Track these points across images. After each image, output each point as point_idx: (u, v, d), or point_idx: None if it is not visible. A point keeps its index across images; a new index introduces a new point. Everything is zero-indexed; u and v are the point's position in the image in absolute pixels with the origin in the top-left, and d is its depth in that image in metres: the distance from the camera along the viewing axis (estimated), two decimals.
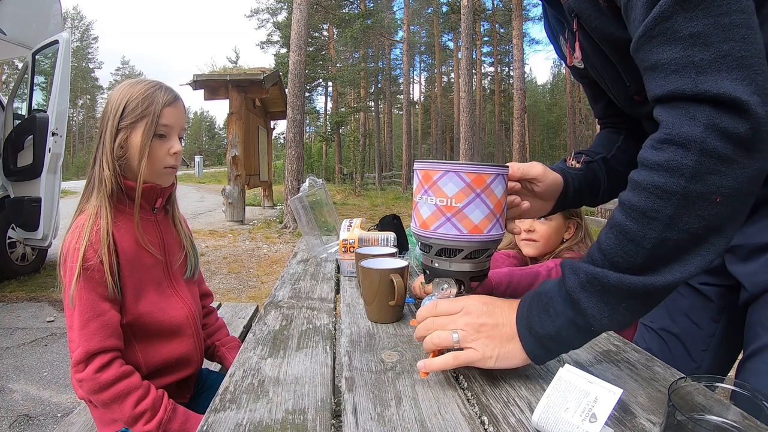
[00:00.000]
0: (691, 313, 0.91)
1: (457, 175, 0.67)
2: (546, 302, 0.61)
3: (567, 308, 0.58)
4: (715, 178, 0.50)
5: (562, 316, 0.59)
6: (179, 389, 1.10)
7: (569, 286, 0.59)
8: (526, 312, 0.63)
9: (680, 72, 0.51)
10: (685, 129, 0.51)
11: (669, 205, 0.52)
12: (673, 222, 0.52)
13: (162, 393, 0.96)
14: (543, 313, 0.61)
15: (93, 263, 0.91)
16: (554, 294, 0.60)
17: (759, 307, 0.75)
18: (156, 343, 1.03)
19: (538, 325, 0.61)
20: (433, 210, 0.69)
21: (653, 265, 0.54)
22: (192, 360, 1.10)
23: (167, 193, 1.10)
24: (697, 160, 0.50)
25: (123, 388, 0.90)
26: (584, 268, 0.58)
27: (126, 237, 0.99)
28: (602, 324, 0.57)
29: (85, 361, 0.90)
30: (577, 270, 0.58)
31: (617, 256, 0.55)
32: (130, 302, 0.98)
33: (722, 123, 0.49)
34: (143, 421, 0.90)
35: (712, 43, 0.50)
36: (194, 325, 1.10)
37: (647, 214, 0.53)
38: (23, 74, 4.38)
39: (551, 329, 0.59)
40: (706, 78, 0.50)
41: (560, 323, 0.59)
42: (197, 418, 0.97)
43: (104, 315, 0.92)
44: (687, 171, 0.51)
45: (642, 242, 0.53)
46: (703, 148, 0.50)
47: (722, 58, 0.49)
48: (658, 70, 0.54)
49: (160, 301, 1.05)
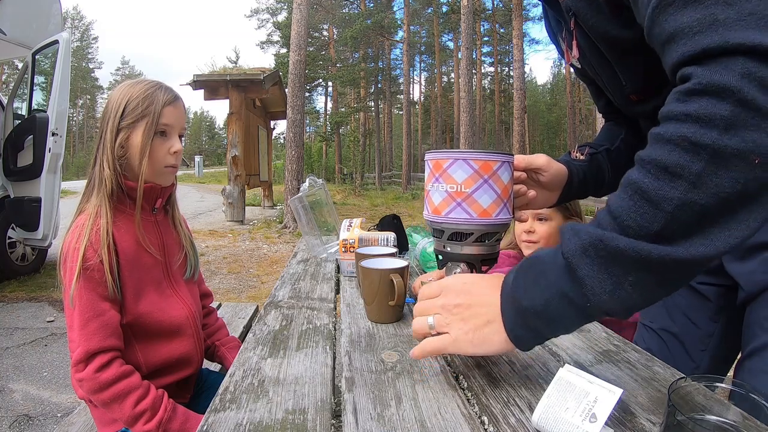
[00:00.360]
0: (689, 313, 0.91)
1: (465, 163, 0.71)
2: (538, 270, 0.53)
3: (561, 276, 0.51)
4: (754, 134, 0.43)
5: (553, 287, 0.51)
6: (179, 389, 1.10)
7: (567, 249, 0.50)
8: (512, 282, 0.56)
9: (705, 31, 0.46)
10: (718, 77, 0.44)
11: (698, 161, 0.44)
12: (701, 181, 0.44)
13: (162, 393, 0.96)
14: (532, 282, 0.53)
15: (93, 263, 0.91)
16: (548, 260, 0.53)
17: (757, 307, 0.75)
18: (156, 343, 1.03)
19: (523, 296, 0.53)
20: (444, 196, 0.73)
21: (672, 234, 0.46)
22: (192, 360, 1.10)
23: (167, 194, 1.10)
24: (732, 111, 0.43)
25: (123, 388, 0.90)
26: (588, 229, 0.49)
27: (126, 237, 0.99)
28: (601, 300, 0.49)
29: (85, 361, 0.90)
30: (579, 231, 0.50)
31: (630, 220, 0.47)
32: (130, 302, 0.98)
33: (760, 72, 0.43)
34: (143, 420, 0.90)
35: (734, 3, 0.45)
36: (194, 325, 1.10)
37: (670, 169, 0.45)
38: (23, 74, 4.38)
39: (539, 301, 0.52)
40: (734, 33, 0.44)
41: (550, 295, 0.51)
42: (197, 418, 0.97)
43: (104, 315, 0.92)
44: (721, 122, 0.43)
45: (662, 203, 0.45)
46: (739, 97, 0.43)
47: (748, 16, 0.44)
48: (678, 38, 0.48)
49: (160, 301, 1.05)
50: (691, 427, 0.44)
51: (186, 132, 1.15)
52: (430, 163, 0.76)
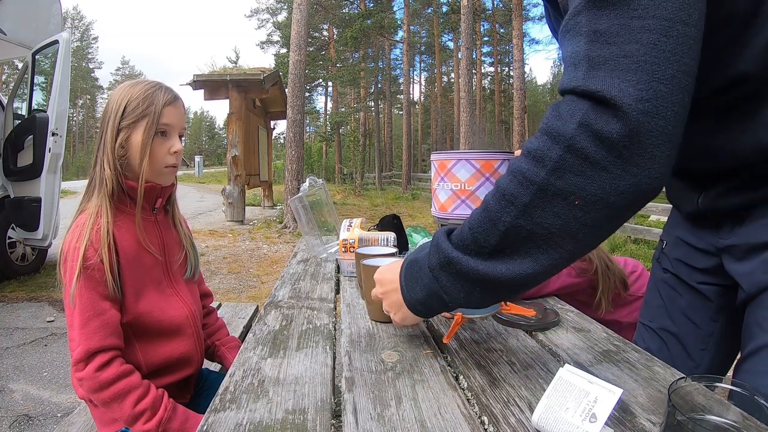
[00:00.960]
0: (689, 313, 0.91)
1: (468, 163, 0.75)
2: (416, 271, 0.66)
3: (430, 281, 0.62)
4: (578, 179, 0.48)
5: (426, 288, 0.63)
6: (179, 389, 1.10)
7: (431, 263, 0.62)
8: (403, 278, 0.69)
9: (576, 65, 0.50)
10: (558, 122, 0.49)
11: (526, 193, 0.51)
12: (528, 211, 0.51)
13: (162, 392, 0.96)
14: (413, 280, 0.66)
15: (93, 262, 0.91)
16: (423, 265, 0.64)
17: (757, 307, 0.75)
18: (156, 343, 1.03)
19: (409, 291, 0.67)
20: (449, 194, 0.78)
21: (504, 250, 0.54)
22: (192, 360, 1.10)
23: (167, 193, 1.10)
24: (561, 156, 0.49)
25: (123, 387, 0.90)
26: (444, 249, 0.60)
27: (126, 236, 0.99)
28: (459, 302, 0.61)
29: (86, 360, 0.90)
30: (440, 249, 0.61)
31: (477, 233, 0.56)
32: (131, 301, 0.98)
33: (596, 124, 0.47)
34: (143, 420, 0.90)
35: (615, 42, 0.47)
36: (194, 324, 1.10)
37: (506, 197, 0.53)
38: (23, 74, 4.38)
39: (420, 296, 0.65)
40: (597, 74, 0.47)
41: (426, 294, 0.64)
42: (197, 417, 0.97)
43: (104, 314, 0.92)
44: (549, 164, 0.49)
45: (497, 224, 0.54)
46: (570, 144, 0.48)
47: (621, 58, 0.47)
48: (565, 64, 0.53)
49: (160, 300, 1.05)
50: (691, 427, 0.44)
51: (186, 132, 1.15)
52: (436, 163, 0.79)
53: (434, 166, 0.80)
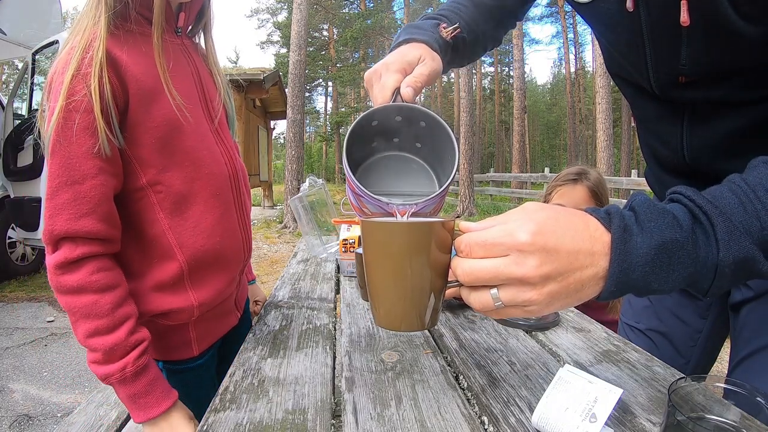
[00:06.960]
0: (678, 311, 0.91)
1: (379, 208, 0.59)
2: (680, 257, 0.45)
3: (708, 272, 0.45)
4: None
5: (688, 279, 0.45)
6: (224, 307, 0.87)
7: (722, 258, 0.44)
8: (648, 268, 0.44)
9: None
10: None
11: None
12: None
13: (140, 339, 0.71)
14: (667, 267, 0.45)
15: (79, 98, 0.66)
16: (698, 256, 0.45)
17: (757, 307, 0.74)
18: (191, 213, 0.76)
19: (653, 282, 0.45)
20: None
21: None
22: (237, 247, 0.85)
23: (196, 7, 0.81)
24: None
25: (84, 305, 0.66)
26: (743, 243, 0.44)
27: (141, 62, 0.72)
28: (719, 285, 0.46)
29: (52, 245, 0.67)
30: (738, 239, 0.44)
31: None
32: (149, 151, 0.73)
33: None
34: (93, 358, 0.69)
35: None
36: (238, 190, 0.84)
37: None
38: (23, 74, 4.38)
39: (667, 286, 0.45)
40: None
41: (683, 284, 0.46)
42: (169, 392, 0.75)
43: (83, 182, 0.66)
44: None
45: None
46: None
47: None
48: None
49: (198, 146, 0.78)
50: (691, 427, 0.44)
51: None
52: None
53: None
